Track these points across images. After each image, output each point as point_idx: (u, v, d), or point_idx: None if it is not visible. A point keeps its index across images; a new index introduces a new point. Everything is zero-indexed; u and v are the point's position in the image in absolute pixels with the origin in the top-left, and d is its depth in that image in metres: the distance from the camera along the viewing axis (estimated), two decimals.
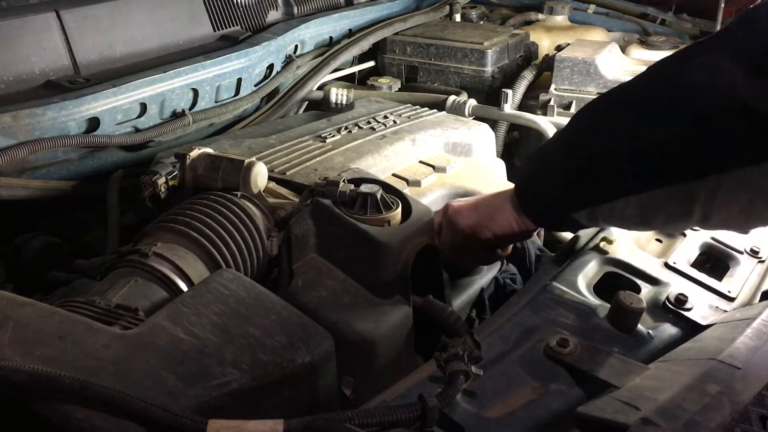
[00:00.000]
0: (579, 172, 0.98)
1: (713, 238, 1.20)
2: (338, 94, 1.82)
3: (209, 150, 1.18)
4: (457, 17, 2.42)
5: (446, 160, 1.42)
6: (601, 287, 1.08)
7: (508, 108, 1.80)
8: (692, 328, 0.99)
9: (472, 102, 1.83)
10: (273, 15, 1.98)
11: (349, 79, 2.12)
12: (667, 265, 1.12)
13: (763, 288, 1.11)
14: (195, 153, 1.16)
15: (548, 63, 1.94)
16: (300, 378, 0.82)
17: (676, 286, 1.07)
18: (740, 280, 1.11)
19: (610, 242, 1.14)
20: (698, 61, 0.85)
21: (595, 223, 1.01)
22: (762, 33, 0.80)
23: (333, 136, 1.43)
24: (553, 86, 1.87)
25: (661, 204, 0.89)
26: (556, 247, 1.39)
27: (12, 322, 0.75)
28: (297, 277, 1.04)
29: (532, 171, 1.10)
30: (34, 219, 1.32)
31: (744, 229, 1.06)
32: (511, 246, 1.26)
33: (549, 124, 1.73)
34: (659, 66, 0.93)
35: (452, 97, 1.84)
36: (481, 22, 2.52)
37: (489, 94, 2.00)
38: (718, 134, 0.81)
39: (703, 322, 0.99)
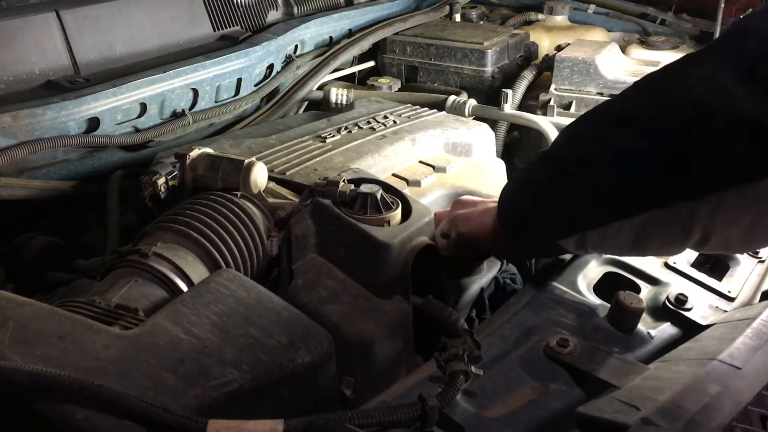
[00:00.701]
0: (568, 195, 0.91)
1: None
2: (338, 94, 1.82)
3: (209, 150, 1.18)
4: (457, 17, 2.42)
5: (446, 160, 1.42)
6: (601, 287, 1.08)
7: (508, 108, 1.80)
8: (692, 328, 0.99)
9: (472, 102, 1.83)
10: (273, 15, 1.98)
11: (349, 79, 2.12)
12: (667, 265, 1.12)
13: (763, 288, 1.11)
14: (195, 153, 1.16)
15: (548, 63, 1.94)
16: (300, 378, 0.82)
17: (676, 286, 1.07)
18: (740, 280, 1.11)
19: None
20: (696, 74, 0.81)
21: (584, 249, 0.95)
22: (756, 41, 0.77)
23: (333, 136, 1.43)
24: (553, 86, 1.87)
25: (657, 226, 0.84)
26: None
27: (12, 322, 0.75)
28: (297, 277, 1.04)
29: (514, 193, 1.03)
30: (34, 219, 1.32)
31: (743, 249, 1.00)
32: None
33: (549, 124, 1.73)
34: (653, 79, 0.88)
35: (452, 97, 1.84)
36: (481, 22, 2.52)
37: (489, 94, 2.00)
38: (721, 150, 0.77)
39: (703, 322, 0.99)
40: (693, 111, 0.79)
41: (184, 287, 0.98)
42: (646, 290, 1.07)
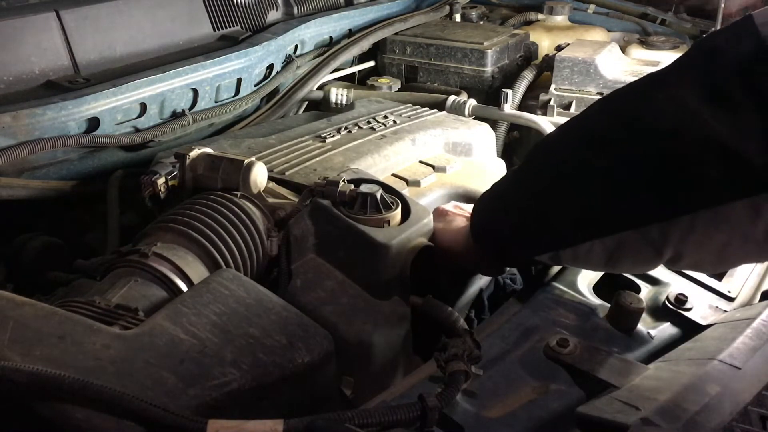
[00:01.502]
0: (538, 215, 0.92)
1: None
2: (338, 94, 1.82)
3: (209, 150, 1.18)
4: (457, 17, 2.42)
5: (446, 160, 1.42)
6: (601, 287, 1.08)
7: (508, 108, 1.80)
8: (692, 328, 0.99)
9: (472, 102, 1.83)
10: (273, 15, 1.97)
11: (349, 79, 2.12)
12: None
13: (763, 288, 1.11)
14: (195, 153, 1.16)
15: (548, 63, 1.94)
16: (300, 378, 0.82)
17: (676, 286, 1.07)
18: (740, 280, 1.11)
19: None
20: (661, 96, 0.80)
21: (559, 263, 0.98)
22: (721, 62, 0.76)
23: (333, 136, 1.43)
24: (553, 86, 1.87)
25: (629, 247, 0.84)
26: None
27: (12, 322, 0.75)
28: (296, 277, 1.04)
29: (487, 210, 1.04)
30: (34, 219, 1.32)
31: (714, 270, 1.01)
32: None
33: (549, 124, 1.73)
34: (620, 99, 0.87)
35: (452, 97, 1.84)
36: (481, 22, 2.52)
37: (489, 94, 2.00)
38: (691, 173, 0.77)
39: (703, 322, 1.00)
40: (660, 134, 0.79)
41: (184, 287, 0.98)
42: (646, 290, 1.07)
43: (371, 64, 2.19)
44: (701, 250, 0.81)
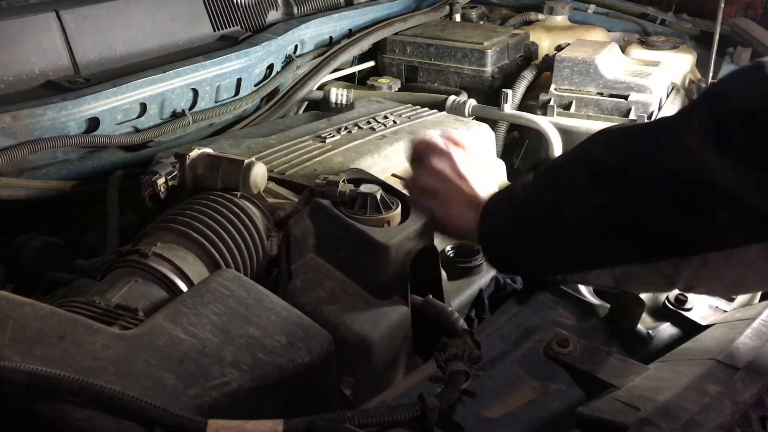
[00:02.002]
0: (546, 242, 0.93)
1: None
2: (338, 94, 1.82)
3: (209, 150, 1.18)
4: (457, 17, 2.42)
5: None
6: None
7: (508, 108, 1.80)
8: (692, 328, 0.99)
9: (472, 102, 1.83)
10: (273, 15, 1.97)
11: (349, 79, 2.12)
12: None
13: None
14: (195, 153, 1.16)
15: (548, 63, 1.94)
16: (300, 378, 0.82)
17: None
18: None
19: None
20: (667, 139, 0.80)
21: (565, 284, 1.01)
22: (728, 108, 0.75)
23: (333, 136, 1.43)
24: (553, 86, 1.87)
25: (639, 277, 0.86)
26: None
27: (12, 322, 0.75)
28: (296, 277, 1.04)
29: (498, 224, 1.03)
30: (34, 219, 1.32)
31: (726, 297, 1.03)
32: None
33: (549, 124, 1.73)
34: (627, 139, 0.86)
35: (452, 97, 1.84)
36: (481, 22, 2.52)
37: (489, 94, 2.00)
38: (699, 218, 0.77)
39: (703, 322, 0.99)
40: (667, 179, 0.79)
41: (184, 287, 0.98)
42: None
43: (371, 64, 2.19)
44: (714, 283, 0.82)
